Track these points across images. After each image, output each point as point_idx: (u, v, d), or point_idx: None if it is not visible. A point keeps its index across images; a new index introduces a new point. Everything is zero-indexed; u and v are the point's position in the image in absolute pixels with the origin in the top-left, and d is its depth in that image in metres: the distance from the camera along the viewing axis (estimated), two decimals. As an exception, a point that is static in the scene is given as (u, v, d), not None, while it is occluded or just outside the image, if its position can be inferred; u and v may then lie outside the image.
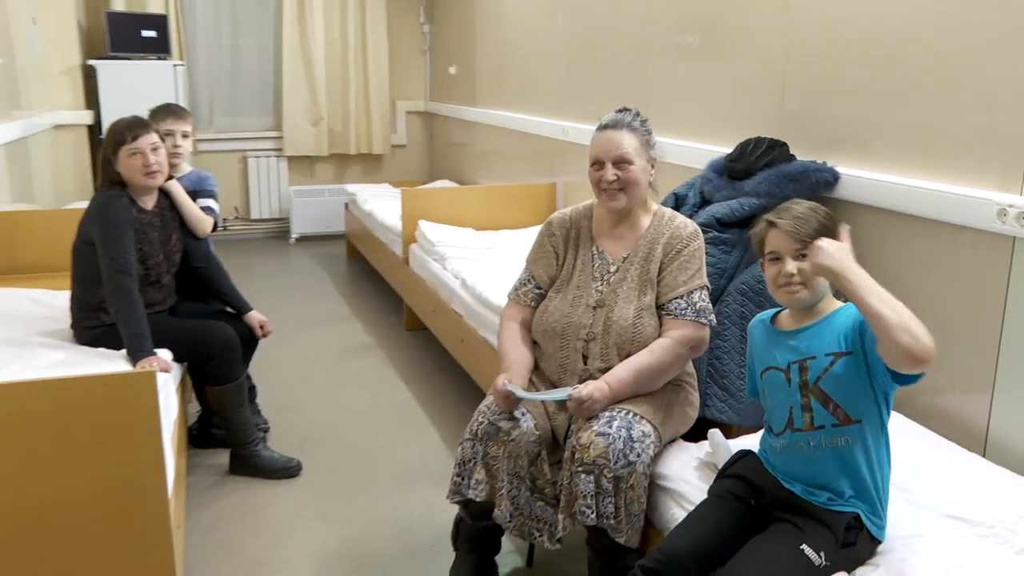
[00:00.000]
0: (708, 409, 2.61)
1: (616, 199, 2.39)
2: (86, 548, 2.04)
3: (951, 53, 2.37)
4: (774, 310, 2.04)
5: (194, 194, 3.34)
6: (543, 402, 2.37)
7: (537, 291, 2.53)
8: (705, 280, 2.39)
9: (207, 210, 3.33)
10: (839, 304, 1.90)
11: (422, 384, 4.16)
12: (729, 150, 2.99)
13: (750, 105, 3.22)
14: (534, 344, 2.51)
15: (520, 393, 2.27)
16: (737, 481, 1.97)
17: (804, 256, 1.86)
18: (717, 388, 2.63)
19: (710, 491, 2.01)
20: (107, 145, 2.94)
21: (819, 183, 2.71)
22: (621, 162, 2.36)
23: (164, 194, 3.15)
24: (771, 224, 1.92)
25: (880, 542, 1.85)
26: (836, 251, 1.77)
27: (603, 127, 2.41)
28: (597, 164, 2.39)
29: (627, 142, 2.36)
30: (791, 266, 1.87)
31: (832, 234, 1.86)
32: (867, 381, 1.82)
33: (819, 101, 2.86)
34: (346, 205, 6.72)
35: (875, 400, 1.83)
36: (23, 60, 5.05)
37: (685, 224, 2.43)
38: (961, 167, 2.36)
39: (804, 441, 1.87)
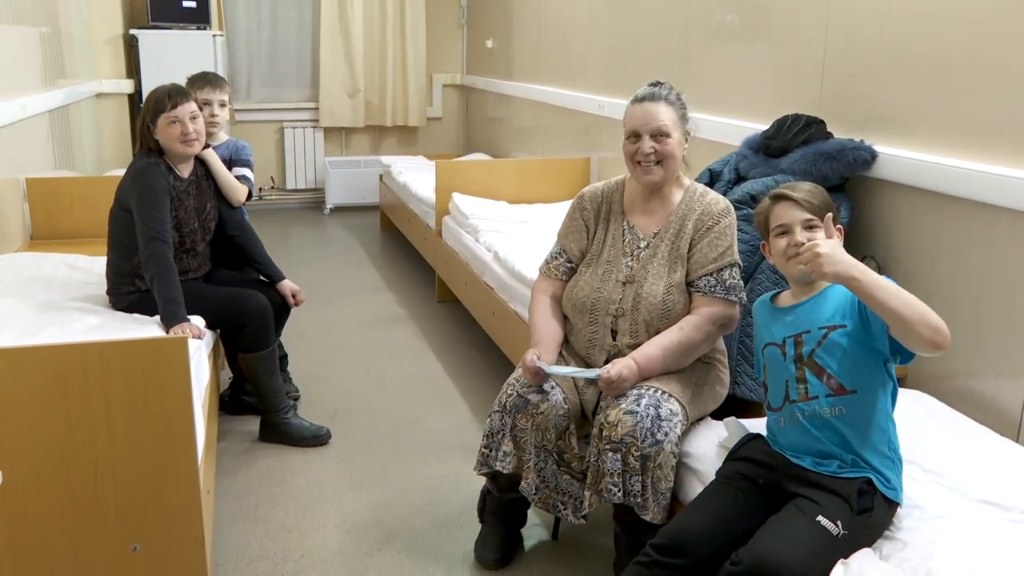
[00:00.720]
0: (739, 387, 2.59)
1: (652, 172, 2.36)
2: (116, 510, 2.08)
3: (992, 34, 2.31)
4: (775, 291, 2.09)
5: (230, 163, 3.38)
6: (572, 377, 2.37)
7: (568, 265, 2.52)
8: (736, 257, 2.36)
9: (242, 179, 3.36)
10: None
11: (453, 356, 4.18)
12: (766, 127, 2.94)
13: (789, 84, 3.16)
14: (564, 319, 2.51)
15: (549, 368, 2.27)
16: (745, 463, 1.98)
17: (812, 227, 1.89)
18: (748, 366, 2.60)
19: (718, 473, 2.02)
20: (146, 113, 2.97)
21: (856, 161, 2.66)
22: (659, 135, 2.32)
23: (200, 162, 3.18)
24: (777, 198, 1.96)
25: (898, 505, 1.85)
26: (835, 252, 1.76)
27: (639, 99, 2.37)
28: (634, 136, 2.36)
29: (665, 114, 2.33)
30: (801, 235, 1.89)
31: (834, 211, 1.90)
32: (863, 352, 1.84)
33: (859, 80, 2.80)
34: (380, 177, 6.73)
35: (873, 370, 1.85)
36: (68, 29, 5.10)
37: (717, 200, 2.40)
38: (1001, 147, 2.30)
39: (800, 411, 1.89)
